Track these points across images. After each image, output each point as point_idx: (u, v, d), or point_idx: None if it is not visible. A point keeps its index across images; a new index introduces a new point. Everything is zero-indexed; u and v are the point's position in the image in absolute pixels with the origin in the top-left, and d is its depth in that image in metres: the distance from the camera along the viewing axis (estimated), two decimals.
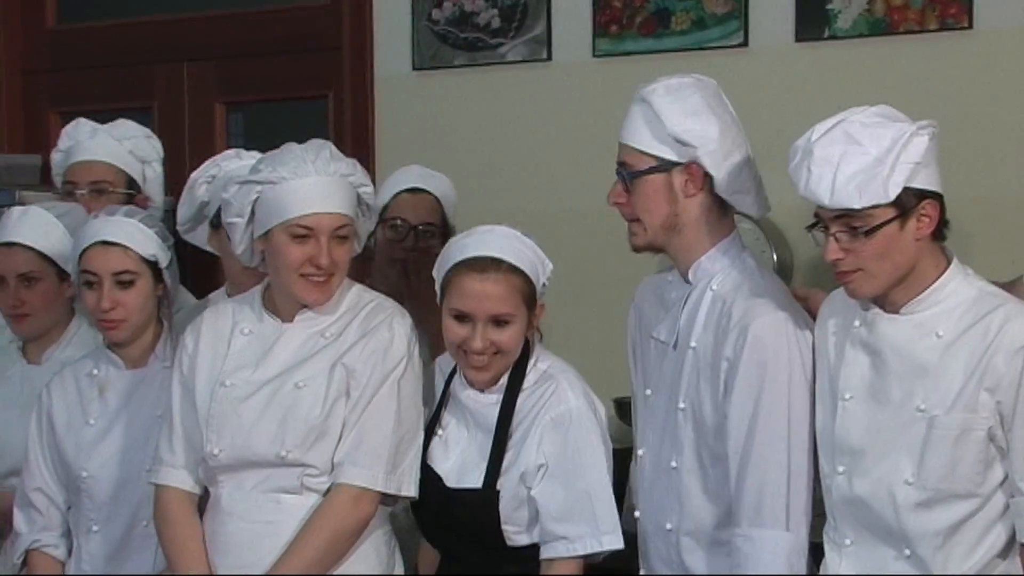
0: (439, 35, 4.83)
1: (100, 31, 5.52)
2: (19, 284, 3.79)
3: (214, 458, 3.31)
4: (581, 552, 3.16)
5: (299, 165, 3.28)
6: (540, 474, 3.16)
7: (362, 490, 3.27)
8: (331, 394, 3.29)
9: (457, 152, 4.72)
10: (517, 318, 3.20)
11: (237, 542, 3.30)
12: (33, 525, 3.64)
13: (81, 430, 3.59)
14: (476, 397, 3.26)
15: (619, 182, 3.20)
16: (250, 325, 3.39)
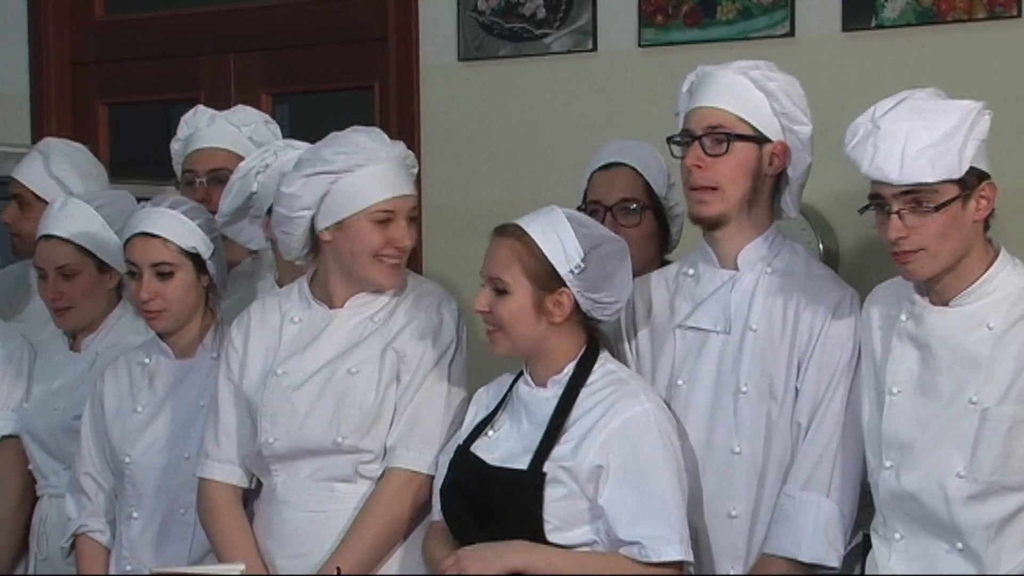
0: (484, 25, 4.83)
1: (147, 22, 5.54)
2: (58, 277, 3.81)
3: (269, 447, 3.33)
4: (654, 559, 3.03)
5: (371, 151, 3.32)
6: (598, 478, 3.05)
7: (415, 474, 3.30)
8: (383, 379, 3.31)
9: (502, 143, 4.72)
10: (517, 289, 3.10)
11: (292, 531, 3.33)
12: (82, 510, 3.69)
13: (128, 417, 3.63)
14: (535, 392, 3.17)
15: (695, 147, 3.17)
16: (299, 314, 3.42)
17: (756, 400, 3.16)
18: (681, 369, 3.24)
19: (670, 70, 3.80)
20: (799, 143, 3.22)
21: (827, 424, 3.13)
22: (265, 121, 4.23)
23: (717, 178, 3.17)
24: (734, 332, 3.20)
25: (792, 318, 3.17)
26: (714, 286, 3.25)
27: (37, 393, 3.88)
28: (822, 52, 4.35)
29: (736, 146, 3.16)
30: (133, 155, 5.65)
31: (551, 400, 3.13)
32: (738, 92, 3.19)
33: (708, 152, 3.17)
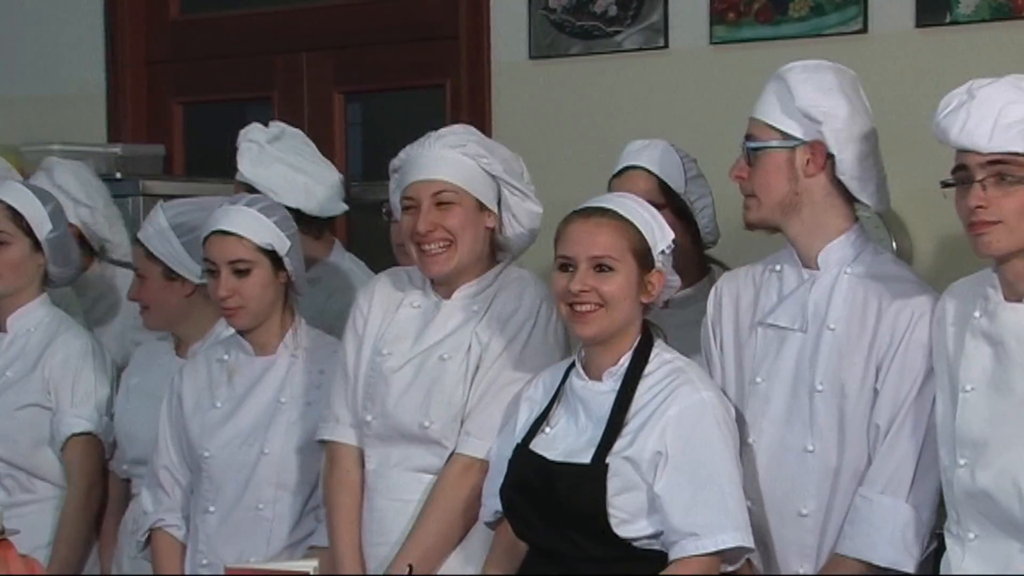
0: (556, 23, 4.84)
1: (221, 22, 5.59)
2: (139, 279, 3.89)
3: (367, 425, 3.39)
4: (711, 548, 3.02)
5: (417, 144, 3.39)
6: (658, 465, 3.06)
7: (473, 460, 3.31)
8: (470, 367, 3.34)
9: (573, 141, 4.72)
10: (622, 267, 3.11)
11: (380, 519, 3.38)
12: (159, 505, 3.73)
13: (207, 412, 3.67)
14: (591, 386, 3.17)
15: (742, 156, 3.20)
16: (418, 300, 3.47)
17: (831, 399, 3.15)
18: (760, 366, 3.24)
19: (741, 67, 3.80)
20: (833, 138, 3.14)
21: (907, 428, 3.10)
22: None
23: (754, 188, 3.19)
24: (811, 331, 3.19)
25: (873, 319, 3.15)
26: (795, 284, 3.25)
27: (140, 396, 3.90)
28: (895, 49, 4.32)
29: (764, 154, 3.17)
30: (207, 154, 5.70)
31: (609, 394, 3.14)
32: (768, 98, 3.19)
33: (749, 163, 3.20)
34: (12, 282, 3.99)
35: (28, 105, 5.63)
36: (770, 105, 3.18)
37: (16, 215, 3.98)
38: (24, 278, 4.00)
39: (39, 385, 3.96)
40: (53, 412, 3.96)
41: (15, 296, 4.01)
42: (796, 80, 3.16)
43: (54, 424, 3.96)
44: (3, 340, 4.03)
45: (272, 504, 3.59)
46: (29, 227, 3.98)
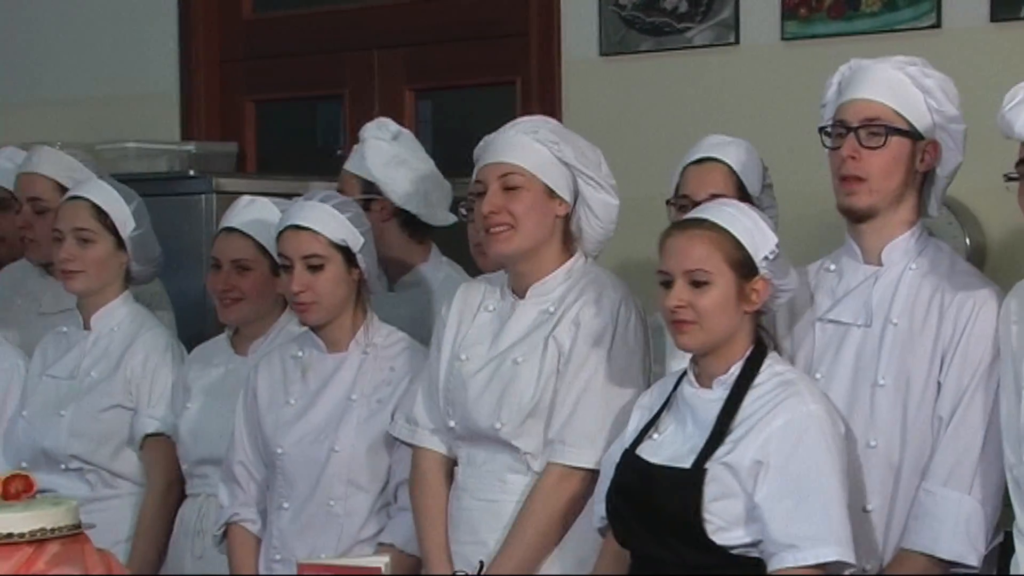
0: (626, 20, 4.83)
1: (293, 20, 5.62)
2: (232, 270, 3.86)
3: (452, 430, 3.42)
4: (812, 561, 2.95)
5: (495, 132, 3.41)
6: (757, 474, 3.00)
7: (570, 469, 3.33)
8: (545, 370, 3.36)
9: (643, 138, 4.71)
10: (718, 280, 3.06)
11: (467, 518, 3.41)
12: (235, 499, 3.75)
13: (281, 409, 3.69)
14: (700, 394, 3.13)
15: (851, 138, 3.17)
16: (494, 303, 3.49)
17: (893, 394, 3.14)
18: (820, 362, 3.23)
19: (813, 63, 3.78)
20: (951, 142, 3.21)
21: (969, 420, 3.09)
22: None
23: (870, 170, 3.16)
24: (875, 326, 3.19)
25: (936, 314, 3.14)
26: (857, 281, 3.24)
27: (200, 395, 3.93)
28: (969, 44, 4.29)
29: (892, 140, 3.16)
30: (279, 151, 5.73)
31: (716, 402, 3.09)
32: (896, 87, 3.19)
33: (864, 144, 3.16)
34: (97, 280, 4.02)
35: (103, 104, 5.69)
36: (898, 94, 3.18)
37: (101, 213, 4.01)
38: (108, 276, 4.03)
39: (121, 386, 3.99)
40: (134, 412, 3.99)
41: (99, 294, 4.04)
42: (921, 76, 3.18)
43: (133, 423, 3.99)
44: (88, 339, 4.06)
45: (343, 501, 3.61)
46: (113, 225, 4.02)
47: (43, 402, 4.04)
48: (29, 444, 4.01)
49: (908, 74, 3.18)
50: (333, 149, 5.55)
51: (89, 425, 3.97)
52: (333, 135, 5.64)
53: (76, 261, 3.99)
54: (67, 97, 5.79)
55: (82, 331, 4.08)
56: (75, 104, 5.74)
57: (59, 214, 4.06)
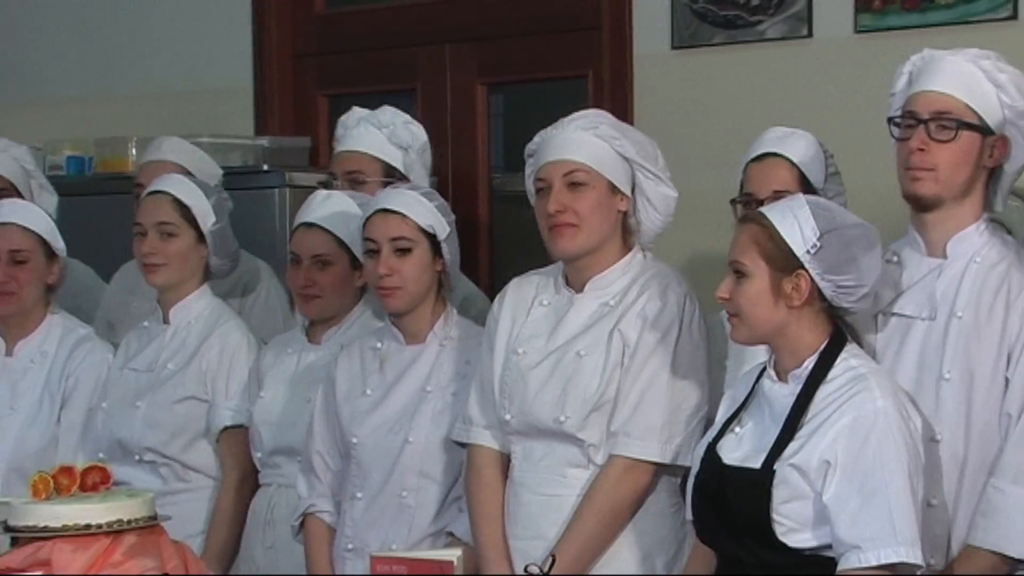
0: (698, 13, 4.82)
1: (366, 15, 5.64)
2: (312, 265, 3.87)
3: (507, 424, 3.43)
4: (874, 562, 2.91)
5: (551, 127, 3.42)
6: (826, 474, 2.97)
7: (635, 461, 3.33)
8: (610, 363, 3.36)
9: (715, 131, 4.70)
10: (756, 273, 3.04)
11: (526, 513, 3.41)
12: (312, 490, 3.77)
13: (358, 399, 3.71)
14: (776, 387, 3.10)
15: (920, 130, 3.15)
16: (549, 297, 3.49)
17: (959, 388, 3.12)
18: (883, 356, 3.21)
19: (887, 56, 3.74)
20: (1021, 138, 3.18)
21: None
22: (405, 123, 4.26)
23: (937, 163, 3.14)
24: (939, 319, 3.16)
25: (1002, 307, 3.12)
26: (920, 273, 3.22)
27: (275, 385, 3.95)
28: None
29: (962, 135, 3.14)
30: None
31: (789, 397, 3.06)
32: (968, 80, 3.16)
33: (933, 137, 3.14)
34: (178, 274, 4.06)
35: (178, 99, 5.74)
36: (970, 88, 3.15)
37: (183, 207, 4.05)
38: (189, 270, 4.07)
39: (196, 378, 4.02)
40: (209, 404, 4.02)
41: (178, 288, 4.08)
42: (994, 70, 3.15)
43: (209, 416, 4.02)
44: (166, 332, 4.10)
45: (415, 492, 3.63)
46: (194, 219, 4.05)
47: (122, 394, 4.08)
48: (107, 436, 4.05)
49: (981, 68, 3.15)
50: None
51: (163, 416, 4.01)
52: None
53: (158, 255, 4.02)
54: (143, 92, 5.84)
55: (161, 324, 4.12)
56: (151, 99, 5.80)
57: (141, 208, 4.11)
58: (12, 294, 4.13)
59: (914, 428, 3.02)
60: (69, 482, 3.06)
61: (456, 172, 5.35)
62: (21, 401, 4.16)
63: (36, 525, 2.96)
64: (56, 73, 6.06)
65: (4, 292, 4.13)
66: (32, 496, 3.04)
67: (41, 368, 4.18)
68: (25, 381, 4.17)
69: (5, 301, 4.14)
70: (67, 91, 6.02)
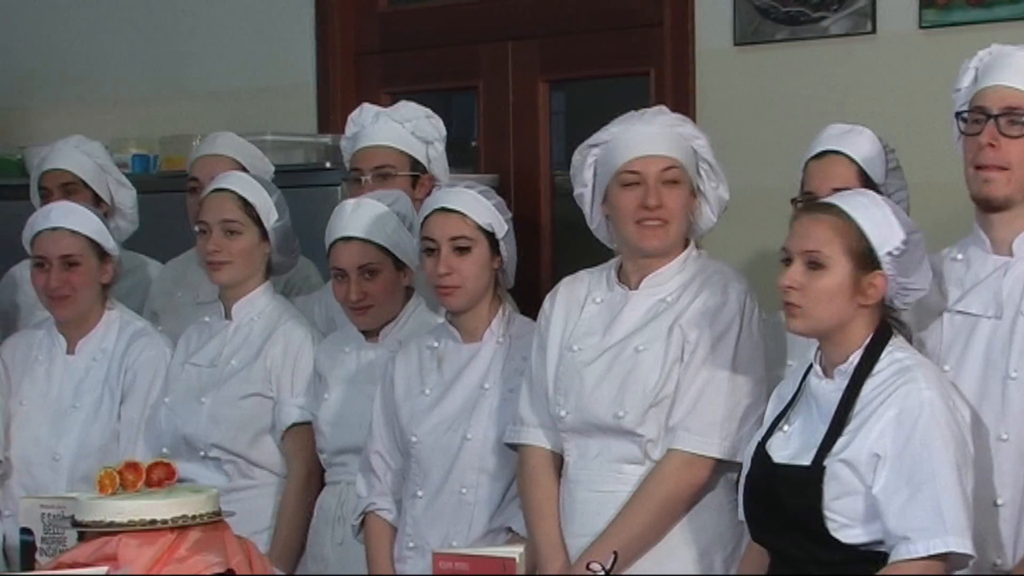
0: (760, 9, 4.80)
1: (428, 12, 5.65)
2: (361, 277, 3.87)
3: (561, 420, 3.43)
4: (924, 553, 2.91)
5: (627, 119, 3.42)
6: (875, 467, 2.97)
7: (694, 456, 3.32)
8: (669, 358, 3.36)
9: (778, 128, 4.68)
10: (835, 266, 3.01)
11: (581, 511, 3.41)
12: (372, 489, 3.79)
13: (417, 398, 3.72)
14: (823, 384, 3.10)
15: (991, 126, 3.13)
16: (602, 294, 3.49)
17: None
18: (948, 354, 3.19)
19: (952, 52, 3.71)
20: None
21: None
22: (427, 116, 4.27)
23: (1009, 159, 3.12)
24: (1005, 317, 3.14)
25: None
26: (986, 272, 3.20)
27: (336, 385, 3.96)
28: None
29: None
30: None
31: (836, 393, 3.06)
32: None
33: (1003, 132, 3.12)
34: (242, 270, 4.07)
35: (241, 97, 5.77)
36: None
37: (246, 205, 4.07)
38: (252, 267, 4.09)
39: (261, 375, 4.04)
40: (274, 401, 4.04)
41: (241, 284, 4.09)
42: None
43: (275, 413, 4.03)
44: (229, 328, 4.12)
45: (474, 489, 3.64)
46: (258, 216, 4.07)
47: (185, 390, 4.10)
48: (170, 431, 4.08)
49: None
50: (467, 141, 5.59)
51: (228, 412, 4.03)
52: (467, 127, 5.66)
53: (223, 252, 4.04)
54: (207, 90, 5.88)
55: (223, 320, 4.14)
56: (215, 97, 5.83)
57: (204, 206, 4.12)
58: (67, 297, 4.16)
59: (961, 419, 3.01)
60: (135, 478, 3.09)
61: (518, 169, 5.36)
62: (83, 398, 4.19)
63: (102, 520, 2.99)
64: (122, 72, 6.11)
65: (59, 297, 4.15)
66: (99, 491, 3.07)
67: (101, 365, 4.21)
68: (87, 379, 4.21)
69: (61, 305, 4.17)
70: (133, 90, 6.07)
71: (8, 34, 6.38)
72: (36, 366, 4.24)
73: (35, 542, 3.35)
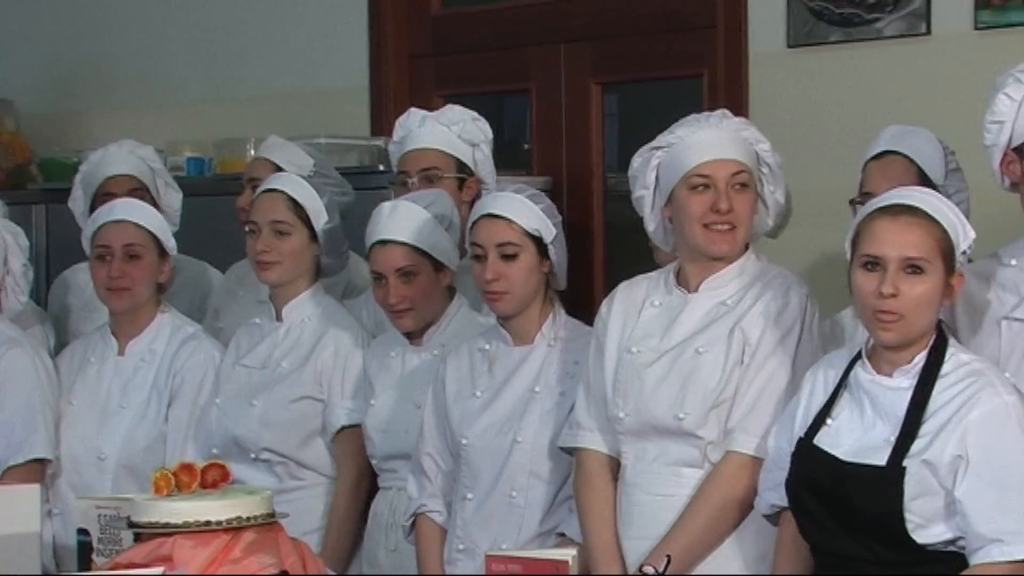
0: (814, 11, 4.78)
1: (480, 16, 5.66)
2: (398, 280, 3.87)
3: (620, 423, 3.43)
4: (1019, 556, 2.92)
5: (694, 123, 3.41)
6: (958, 470, 2.96)
7: (752, 458, 3.31)
8: (730, 360, 3.35)
9: (831, 130, 4.66)
10: (932, 270, 3.00)
11: (639, 514, 3.41)
12: (423, 491, 3.80)
13: (467, 400, 3.73)
14: (880, 381, 3.09)
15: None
16: (660, 298, 3.50)
17: None
18: (1007, 360, 3.18)
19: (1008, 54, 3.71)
20: None
21: None
22: (473, 118, 4.29)
23: None
24: None
25: None
26: None
27: (384, 390, 3.97)
28: None
29: None
30: None
31: (902, 392, 3.05)
32: None
33: None
34: (291, 272, 4.09)
35: (295, 101, 5.80)
36: None
37: (297, 206, 4.09)
38: (301, 268, 4.10)
39: (312, 377, 4.05)
40: (325, 404, 4.05)
41: (290, 286, 4.11)
42: None
43: (325, 415, 4.04)
44: (279, 330, 4.13)
45: (524, 492, 3.64)
46: (308, 218, 4.09)
47: (236, 391, 4.12)
48: (221, 432, 4.10)
49: None
50: (520, 143, 5.60)
51: (279, 415, 4.05)
52: (520, 130, 5.67)
53: (272, 252, 4.06)
54: (261, 94, 5.91)
55: (274, 322, 4.15)
56: (269, 101, 5.86)
57: (255, 206, 4.15)
58: (126, 289, 4.18)
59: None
60: (190, 479, 3.11)
61: (570, 172, 5.35)
62: (131, 399, 4.21)
63: (158, 521, 3.01)
64: (177, 76, 6.15)
65: (118, 288, 4.18)
66: (154, 493, 3.09)
67: (150, 367, 4.23)
68: (135, 380, 4.23)
69: (119, 296, 4.20)
70: (188, 93, 6.11)
71: (64, 38, 6.44)
72: (88, 367, 4.28)
73: (92, 543, 3.37)
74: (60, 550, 4.06)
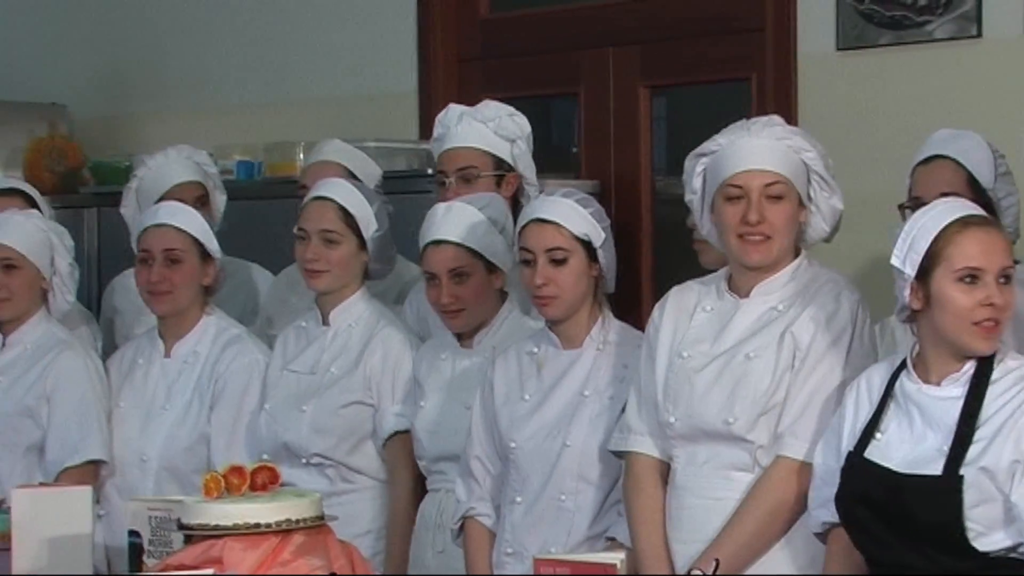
0: (864, 14, 4.76)
1: (529, 19, 5.67)
2: (451, 281, 3.88)
3: (670, 427, 3.43)
4: None
5: (736, 130, 3.39)
6: (1015, 474, 2.97)
7: (802, 463, 3.30)
8: (780, 365, 3.34)
9: (881, 134, 4.64)
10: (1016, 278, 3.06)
11: (689, 517, 3.40)
12: (471, 494, 3.80)
13: (516, 404, 3.73)
14: (928, 391, 3.09)
15: None
16: (711, 303, 3.49)
17: None
18: None
19: None
20: None
21: None
22: (510, 114, 4.25)
23: None
24: None
25: None
26: None
27: (433, 392, 3.96)
28: None
29: None
30: None
31: (952, 400, 3.05)
32: None
33: None
34: (339, 279, 4.10)
35: (344, 104, 5.82)
36: None
37: (346, 215, 4.09)
38: (349, 275, 4.11)
39: (361, 383, 4.05)
40: (375, 409, 4.05)
41: (338, 292, 4.12)
42: None
43: (376, 421, 4.05)
44: (327, 334, 4.14)
45: (573, 496, 3.63)
46: (357, 226, 4.10)
47: (284, 396, 4.13)
48: (271, 438, 4.11)
49: None
50: (568, 147, 5.60)
51: (329, 421, 4.06)
52: (567, 133, 5.67)
53: (321, 261, 4.07)
54: (311, 98, 5.93)
55: (321, 327, 4.16)
56: (318, 104, 5.88)
57: (304, 214, 4.15)
58: (167, 293, 4.19)
59: None
60: (240, 482, 3.12)
61: (618, 175, 5.35)
62: (174, 401, 4.23)
63: (208, 523, 3.02)
64: (227, 80, 6.18)
65: (159, 292, 4.20)
66: (204, 495, 3.11)
67: (193, 368, 4.25)
68: (179, 382, 4.25)
69: (160, 300, 4.22)
70: (237, 97, 6.14)
71: (115, 43, 6.48)
72: (136, 369, 4.30)
73: (143, 544, 3.39)
74: (110, 551, 4.08)
